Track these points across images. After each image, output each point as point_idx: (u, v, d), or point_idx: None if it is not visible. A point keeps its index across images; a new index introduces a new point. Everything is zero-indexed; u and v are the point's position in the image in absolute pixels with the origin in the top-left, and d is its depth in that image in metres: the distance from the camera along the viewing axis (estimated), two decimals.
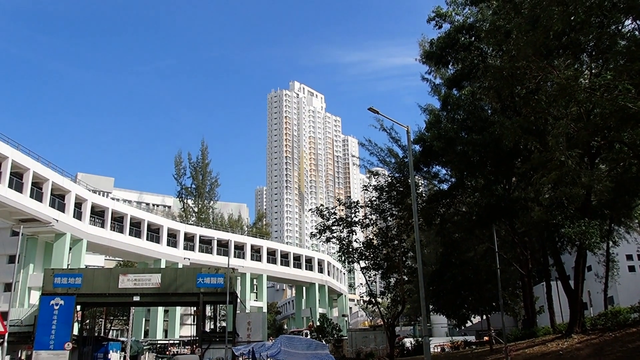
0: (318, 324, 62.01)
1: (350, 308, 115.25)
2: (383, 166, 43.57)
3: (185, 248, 69.12)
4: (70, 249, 52.22)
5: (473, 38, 29.02)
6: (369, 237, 38.34)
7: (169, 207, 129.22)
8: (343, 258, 37.30)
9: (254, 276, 79.65)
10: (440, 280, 35.19)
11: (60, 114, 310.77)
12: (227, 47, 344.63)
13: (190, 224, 77.33)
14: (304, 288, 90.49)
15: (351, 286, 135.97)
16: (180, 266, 62.72)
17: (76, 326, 41.94)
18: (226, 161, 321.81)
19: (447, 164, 33.27)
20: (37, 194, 47.30)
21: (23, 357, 39.50)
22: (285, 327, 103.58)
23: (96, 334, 51.94)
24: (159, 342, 62.46)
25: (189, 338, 60.87)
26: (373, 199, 35.72)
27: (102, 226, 57.85)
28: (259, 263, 78.56)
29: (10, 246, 47.59)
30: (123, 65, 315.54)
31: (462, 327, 38.60)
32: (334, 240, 36.34)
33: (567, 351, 22.56)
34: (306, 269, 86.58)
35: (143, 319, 66.42)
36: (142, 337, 64.03)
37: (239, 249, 76.33)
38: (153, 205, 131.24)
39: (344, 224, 36.21)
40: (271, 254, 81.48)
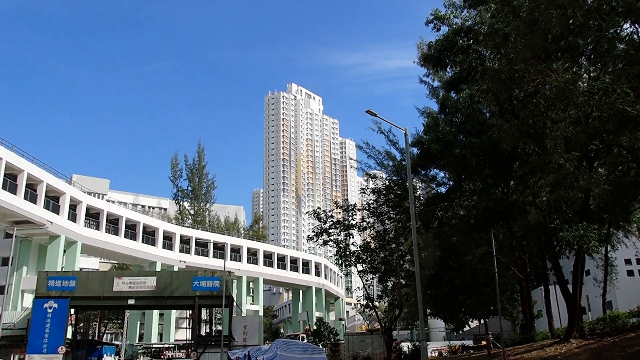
0: (315, 328, 61.93)
1: (347, 312, 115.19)
2: (381, 169, 43.56)
3: (181, 251, 68.98)
4: (64, 252, 52.05)
5: (471, 41, 29.10)
6: (367, 241, 38.36)
7: (165, 210, 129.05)
8: (340, 261, 37.34)
9: (251, 279, 79.54)
10: (438, 283, 35.23)
11: (55, 115, 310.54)
12: (225, 49, 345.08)
13: (186, 227, 77.20)
14: (301, 291, 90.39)
15: (348, 290, 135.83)
16: (175, 269, 62.61)
17: (70, 330, 41.71)
18: (223, 163, 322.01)
19: (445, 167, 33.30)
20: (32, 196, 47.17)
21: None
22: (281, 331, 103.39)
23: (90, 338, 51.69)
24: (154, 346, 62.28)
25: (184, 342, 60.73)
26: (370, 202, 35.79)
27: (97, 228, 57.68)
28: (256, 266, 78.47)
29: (3, 248, 47.36)
30: (120, 65, 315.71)
31: (460, 332, 38.71)
32: (331, 243, 36.38)
33: (566, 356, 22.59)
34: (303, 272, 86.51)
35: (138, 323, 66.24)
36: (137, 341, 63.84)
37: (236, 252, 76.24)
38: (149, 207, 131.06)
39: (341, 227, 36.25)
40: (268, 257, 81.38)
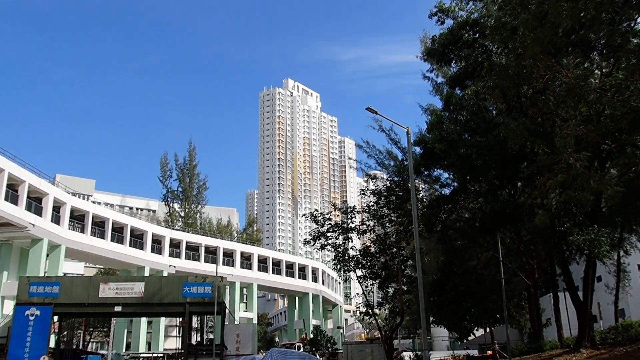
0: (312, 337, 61.95)
1: (345, 320, 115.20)
2: (381, 169, 43.63)
3: (170, 255, 68.87)
4: (47, 256, 51.86)
5: (477, 35, 29.11)
6: (366, 245, 38.31)
7: (154, 212, 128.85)
8: (338, 266, 37.30)
9: (244, 285, 79.46)
10: (441, 290, 35.27)
11: (38, 113, 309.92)
12: (217, 43, 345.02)
13: (176, 230, 77.08)
14: (297, 298, 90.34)
15: (347, 296, 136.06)
16: (165, 274, 62.46)
17: (53, 338, 41.61)
18: (215, 163, 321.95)
19: (449, 168, 33.31)
20: (12, 197, 46.98)
21: None
22: (276, 340, 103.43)
23: (74, 347, 51.55)
24: (142, 355, 62.03)
25: (174, 351, 60.47)
26: (371, 204, 35.74)
27: (82, 231, 57.52)
28: (249, 271, 78.38)
29: None
30: (106, 62, 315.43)
31: (465, 341, 38.73)
32: (329, 247, 36.32)
33: None
34: (299, 278, 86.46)
35: (125, 331, 66.07)
36: (124, 350, 63.63)
37: (228, 256, 76.12)
38: (137, 209, 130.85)
39: (340, 231, 36.20)
40: (262, 262, 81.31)
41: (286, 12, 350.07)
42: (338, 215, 38.59)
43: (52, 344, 41.40)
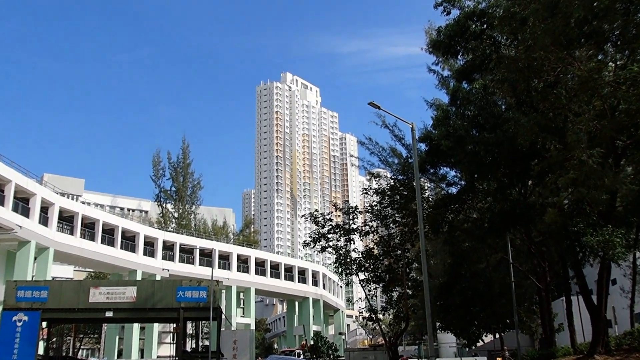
0: (312, 343, 62.07)
1: (347, 325, 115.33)
2: (385, 167, 43.62)
3: (164, 258, 68.94)
4: (35, 259, 51.95)
5: (485, 25, 29.09)
6: (369, 247, 38.38)
7: (146, 212, 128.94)
8: (340, 270, 37.34)
9: (241, 289, 79.54)
10: (448, 294, 35.33)
11: (23, 108, 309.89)
12: (212, 34, 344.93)
13: (169, 231, 77.15)
14: (297, 303, 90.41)
15: (349, 301, 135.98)
16: (158, 278, 62.54)
17: (41, 345, 41.66)
18: (210, 161, 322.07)
19: (456, 165, 33.33)
20: None
21: None
22: (275, 347, 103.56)
23: (64, 354, 51.59)
24: None
25: (168, 358, 60.63)
26: (373, 204, 35.76)
27: (71, 233, 57.59)
28: (247, 275, 78.46)
29: None
30: (95, 54, 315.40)
31: (473, 347, 38.76)
32: (330, 249, 36.36)
33: None
34: (299, 282, 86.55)
35: (116, 337, 66.17)
36: (115, 357, 63.84)
37: (224, 259, 76.23)
38: (128, 210, 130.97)
39: (341, 232, 36.24)
40: (260, 265, 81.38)
41: (283, 2, 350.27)
42: (339, 215, 38.68)
43: (41, 351, 41.44)
